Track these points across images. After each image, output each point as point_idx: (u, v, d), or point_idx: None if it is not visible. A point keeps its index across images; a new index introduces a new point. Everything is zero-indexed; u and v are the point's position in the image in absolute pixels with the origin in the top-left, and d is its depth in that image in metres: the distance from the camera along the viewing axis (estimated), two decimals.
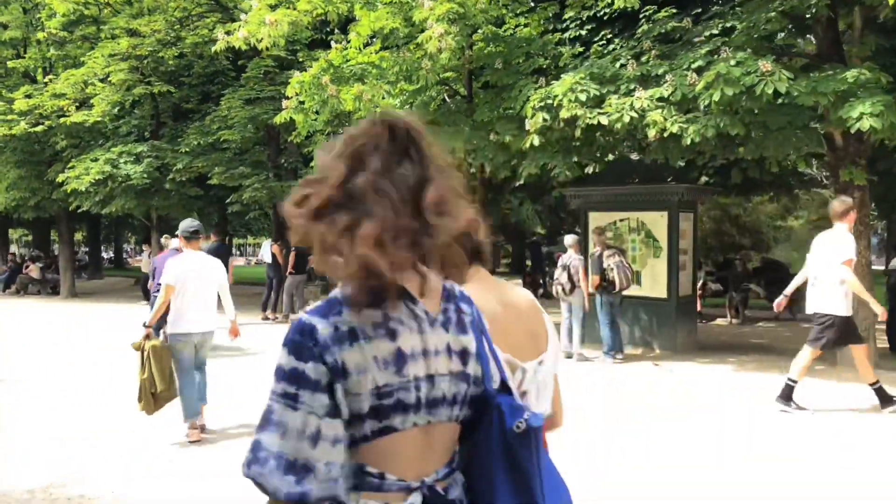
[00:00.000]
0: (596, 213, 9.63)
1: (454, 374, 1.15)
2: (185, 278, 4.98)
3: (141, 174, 14.48)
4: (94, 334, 11.15)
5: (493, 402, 1.18)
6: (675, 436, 5.27)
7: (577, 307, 8.52)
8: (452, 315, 1.18)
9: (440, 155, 1.23)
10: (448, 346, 1.16)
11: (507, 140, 8.97)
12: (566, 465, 1.84)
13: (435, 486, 1.14)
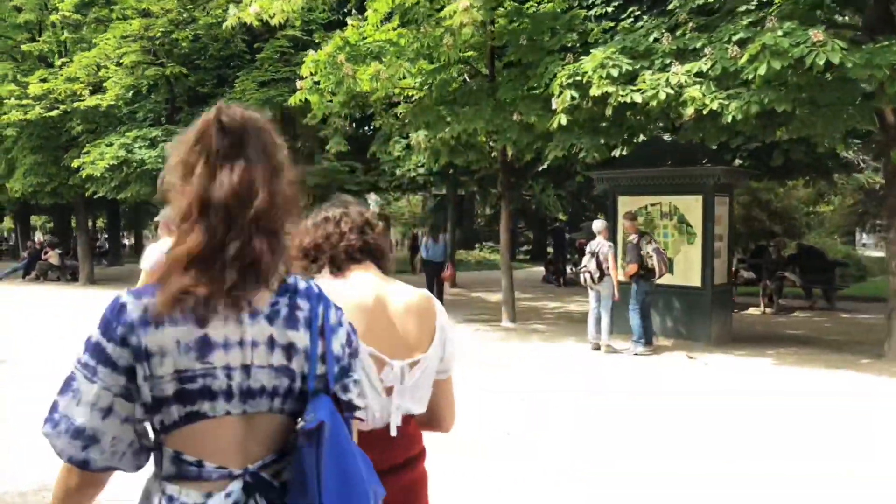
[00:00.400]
0: (625, 197, 9.15)
1: (275, 367, 1.16)
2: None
3: (155, 159, 14.20)
4: None
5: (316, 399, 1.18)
6: (717, 436, 4.85)
7: (606, 296, 8.08)
8: (282, 309, 1.18)
9: (278, 154, 1.23)
10: (270, 339, 1.16)
11: (531, 120, 8.52)
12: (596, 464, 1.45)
13: (260, 473, 1.16)
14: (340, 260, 1.64)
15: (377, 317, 1.57)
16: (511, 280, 10.69)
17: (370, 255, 1.66)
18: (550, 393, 6.16)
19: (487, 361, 7.58)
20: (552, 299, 14.65)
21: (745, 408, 5.65)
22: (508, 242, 10.72)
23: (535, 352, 8.22)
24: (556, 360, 7.68)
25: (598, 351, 8.17)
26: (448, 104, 9.50)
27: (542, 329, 10.10)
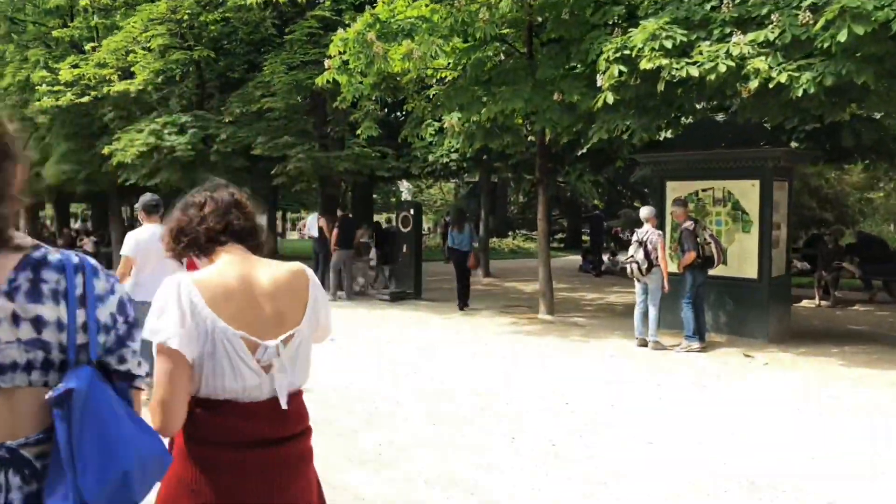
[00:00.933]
0: (674, 182, 8.51)
1: (24, 341, 1.18)
2: (144, 250, 5.13)
3: (185, 146, 13.98)
4: None
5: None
6: (794, 448, 4.29)
7: (655, 289, 7.50)
8: (23, 284, 1.18)
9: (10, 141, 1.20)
10: (14, 315, 1.17)
11: (573, 100, 7.96)
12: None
13: (19, 451, 1.16)
14: (202, 244, 1.70)
15: (244, 298, 1.62)
16: (549, 270, 10.16)
17: (236, 237, 1.71)
18: (600, 402, 5.64)
19: (526, 360, 7.09)
20: (590, 290, 14.05)
21: (821, 415, 5.07)
22: (546, 230, 10.17)
23: (576, 349, 7.70)
24: (600, 360, 7.14)
25: (644, 347, 7.61)
26: (484, 84, 8.97)
27: (583, 322, 9.55)
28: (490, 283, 15.53)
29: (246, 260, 1.70)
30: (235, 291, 1.62)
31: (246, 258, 1.71)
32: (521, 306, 11.27)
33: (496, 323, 9.45)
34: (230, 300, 1.60)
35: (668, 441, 4.49)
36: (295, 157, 11.79)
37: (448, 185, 44.28)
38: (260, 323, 1.63)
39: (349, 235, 11.80)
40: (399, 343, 7.89)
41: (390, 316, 10.07)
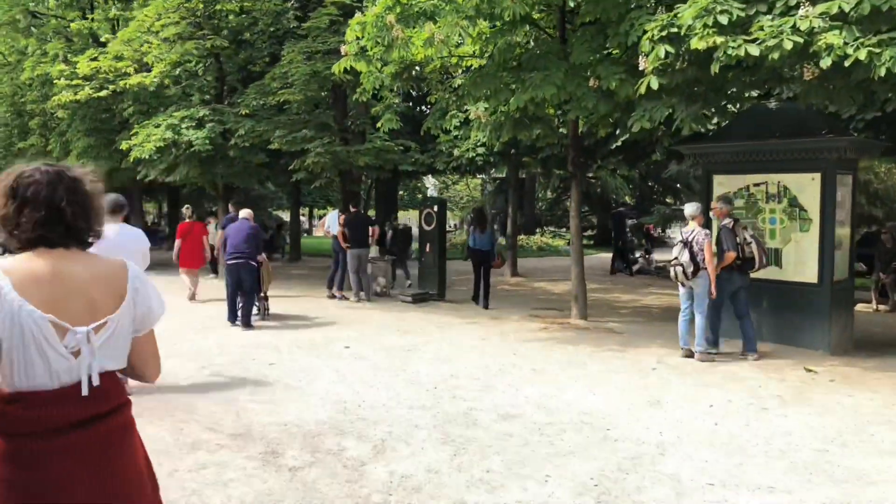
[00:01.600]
0: (723, 175, 7.74)
1: None
2: (105, 248, 4.75)
3: (203, 140, 13.54)
4: None
5: None
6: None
7: (702, 294, 6.76)
8: None
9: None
10: None
11: (612, 86, 7.24)
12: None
13: None
14: (23, 235, 1.70)
15: (54, 286, 1.67)
16: (582, 270, 9.45)
17: (51, 244, 1.72)
18: (647, 428, 4.95)
19: (558, 374, 6.41)
20: (624, 290, 13.28)
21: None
22: (578, 228, 9.46)
23: (614, 361, 6.99)
24: (642, 375, 6.43)
25: (690, 359, 6.88)
26: (512, 70, 8.29)
27: (619, 329, 8.83)
28: (518, 283, 14.84)
29: (63, 253, 1.73)
30: (45, 279, 1.66)
31: (61, 250, 1.73)
32: (552, 309, 10.57)
33: (525, 329, 8.78)
34: (40, 287, 1.64)
35: (731, 482, 3.79)
36: (314, 151, 11.23)
37: (475, 181, 43.57)
38: (71, 310, 1.67)
39: (361, 233, 11.19)
40: (418, 352, 7.27)
41: (411, 320, 9.46)
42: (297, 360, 6.86)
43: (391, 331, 8.56)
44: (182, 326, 8.83)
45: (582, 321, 9.28)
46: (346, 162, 11.74)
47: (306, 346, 7.54)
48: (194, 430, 4.65)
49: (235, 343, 7.69)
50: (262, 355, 7.03)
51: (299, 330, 8.68)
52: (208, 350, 7.28)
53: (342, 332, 8.40)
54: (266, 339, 7.95)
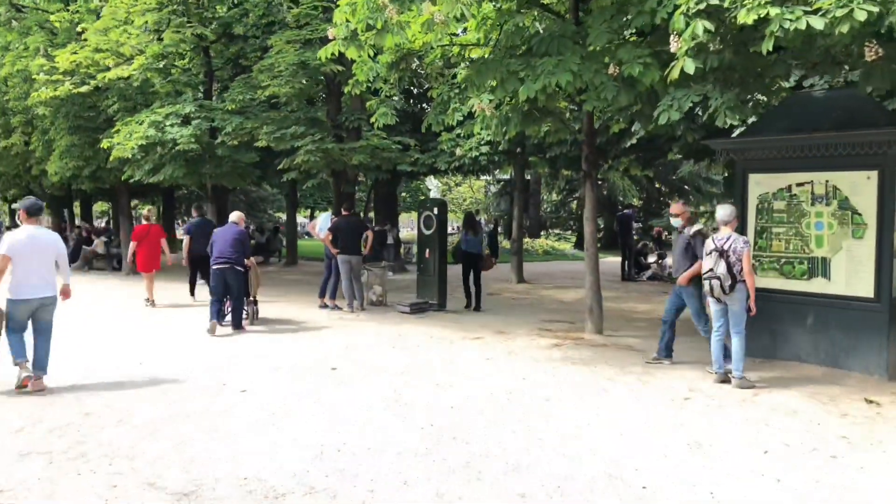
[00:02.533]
0: (760, 174, 6.82)
1: None
2: (20, 250, 5.52)
3: (188, 138, 12.68)
4: (99, 314, 9.40)
5: None
6: None
7: (740, 311, 5.84)
8: None
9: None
10: None
11: (635, 73, 6.33)
12: None
13: None
14: None
15: None
16: (597, 280, 8.53)
17: None
18: (690, 484, 4.03)
19: (576, 406, 5.49)
20: (639, 299, 12.36)
21: None
22: (593, 232, 8.53)
23: (638, 387, 6.07)
24: (674, 407, 5.51)
25: (725, 384, 5.96)
26: (521, 57, 7.38)
27: (639, 346, 7.91)
28: (525, 291, 13.92)
29: None
30: None
31: None
32: (563, 321, 9.66)
33: (535, 346, 7.87)
34: None
35: None
36: (303, 149, 10.33)
37: (478, 183, 42.66)
38: None
39: (353, 238, 10.30)
40: (414, 375, 6.35)
41: (408, 335, 8.56)
42: (275, 385, 5.96)
43: (385, 348, 7.66)
44: (154, 338, 7.96)
45: (598, 336, 8.37)
46: (339, 161, 10.84)
47: (287, 367, 6.64)
48: (130, 485, 3.75)
49: (207, 363, 6.80)
50: (235, 378, 6.13)
51: (284, 344, 7.78)
52: (176, 369, 6.39)
53: (330, 349, 7.50)
54: (244, 357, 7.06)
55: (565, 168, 15.38)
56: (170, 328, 8.95)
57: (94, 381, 6.03)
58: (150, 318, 9.81)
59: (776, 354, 6.76)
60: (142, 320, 9.67)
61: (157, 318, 9.79)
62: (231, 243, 8.58)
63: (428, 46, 8.84)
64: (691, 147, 11.63)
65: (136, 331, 8.76)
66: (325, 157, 10.50)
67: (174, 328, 8.95)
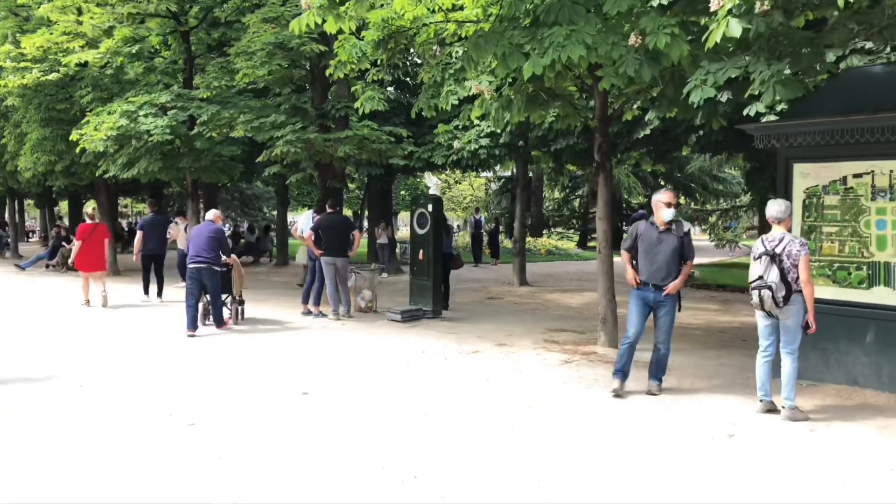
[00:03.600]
0: (807, 164, 5.80)
1: None
2: None
3: (162, 130, 11.68)
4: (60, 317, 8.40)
5: None
6: None
7: (794, 328, 4.83)
8: None
9: None
10: None
11: (661, 44, 5.31)
12: None
13: None
14: None
15: None
16: (612, 286, 7.52)
17: None
18: None
19: (595, 445, 4.48)
20: None
21: None
22: (607, 233, 7.52)
23: (668, 419, 5.06)
24: (714, 447, 4.50)
25: (773, 414, 4.96)
26: (526, 29, 6.36)
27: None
28: (528, 295, 12.91)
29: None
30: None
31: None
32: (570, 331, 8.65)
33: (541, 361, 6.86)
34: None
35: None
36: (283, 139, 9.32)
37: (478, 181, 41.60)
38: None
39: (338, 238, 9.30)
40: (398, 404, 5.34)
41: (397, 347, 7.55)
42: (230, 415, 4.95)
43: (369, 364, 6.65)
44: (109, 345, 6.94)
45: (612, 350, 7.35)
46: (324, 153, 9.83)
47: (252, 389, 5.63)
48: None
49: (164, 379, 5.78)
50: (185, 404, 5.12)
51: (256, 358, 6.78)
52: (121, 391, 5.38)
53: (306, 366, 6.49)
54: (206, 373, 6.05)
55: (570, 163, 14.35)
56: (119, 330, 7.94)
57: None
58: (103, 319, 8.81)
59: (826, 377, 5.75)
60: (95, 321, 8.66)
61: (109, 319, 8.78)
62: (206, 242, 8.27)
63: (419, 23, 7.84)
64: (710, 138, 10.62)
65: (83, 332, 7.76)
66: (306, 148, 9.48)
67: (123, 330, 7.95)
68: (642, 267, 5.49)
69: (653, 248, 5.43)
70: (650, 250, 5.44)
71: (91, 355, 7.02)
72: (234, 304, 9.01)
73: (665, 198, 5.44)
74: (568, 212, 36.55)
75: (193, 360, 6.86)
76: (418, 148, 14.38)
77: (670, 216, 5.43)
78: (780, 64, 4.87)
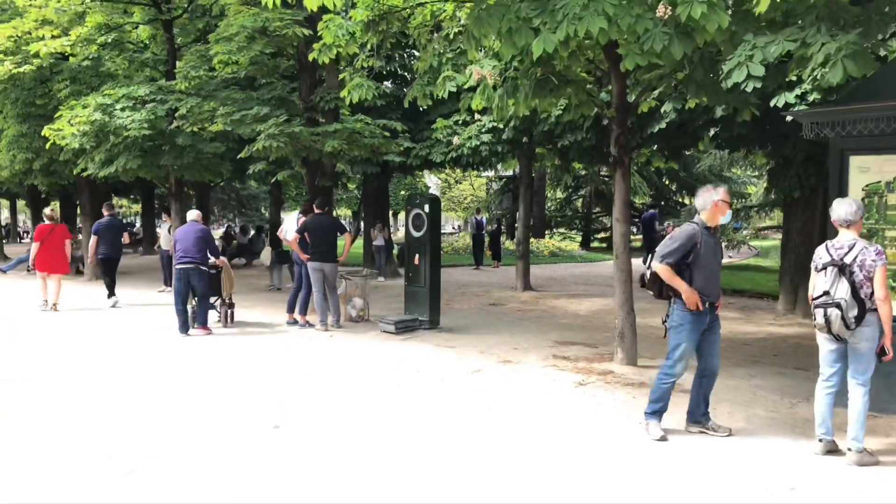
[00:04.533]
0: (867, 156, 4.95)
1: None
2: None
3: (140, 124, 10.85)
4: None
5: None
6: None
7: (868, 354, 3.98)
8: None
9: None
10: None
11: (696, 15, 4.47)
12: None
13: None
14: None
15: None
16: (630, 296, 6.68)
17: None
18: None
19: (620, 494, 3.63)
20: None
21: None
22: (626, 237, 6.68)
23: (713, 466, 4.22)
24: (770, 501, 3.64)
25: (834, 455, 4.11)
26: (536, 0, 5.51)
27: (688, 385, 6.05)
28: (532, 301, 12.07)
29: None
30: None
31: None
32: (581, 344, 7.80)
33: (551, 382, 6.01)
34: None
35: None
36: (264, 133, 8.47)
37: (479, 181, 40.68)
38: None
39: (326, 241, 8.48)
40: (384, 443, 4.50)
41: (388, 366, 6.71)
42: (180, 458, 4.09)
43: (355, 387, 5.80)
44: (56, 352, 6.10)
45: (631, 369, 6.52)
46: (311, 147, 8.98)
47: (215, 420, 4.78)
48: None
49: (120, 404, 4.93)
50: (132, 445, 4.27)
51: (226, 379, 5.93)
52: (71, 423, 4.54)
53: (283, 389, 5.65)
54: (175, 394, 5.20)
55: (578, 160, 13.48)
56: (70, 335, 7.10)
57: None
58: (57, 323, 7.96)
59: (890, 407, 4.90)
60: (52, 324, 7.82)
61: (64, 322, 7.93)
62: (194, 242, 8.16)
63: (414, 2, 7.01)
64: (731, 132, 9.75)
65: (33, 335, 6.91)
66: (292, 142, 8.63)
67: (73, 335, 7.10)
68: (699, 284, 4.36)
69: (711, 258, 4.41)
70: (709, 262, 4.38)
71: (40, 361, 6.18)
72: (224, 308, 8.83)
73: (727, 196, 4.45)
74: (570, 212, 35.73)
75: (156, 375, 6.01)
76: (416, 145, 13.54)
77: (726, 220, 4.51)
78: (849, 35, 4.02)
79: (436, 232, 8.80)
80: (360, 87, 6.96)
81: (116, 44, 12.27)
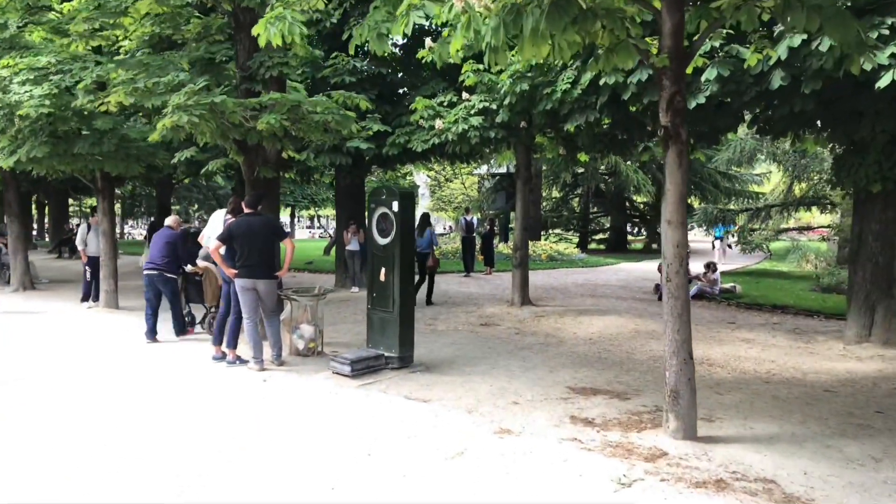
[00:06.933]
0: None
1: None
2: None
3: (39, 101, 8.59)
4: None
5: None
6: None
7: None
8: None
9: None
10: None
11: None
12: None
13: None
14: None
15: None
16: (688, 335, 4.47)
17: None
18: None
19: None
20: (702, 337, 8.33)
21: None
22: (682, 250, 4.46)
23: None
24: None
25: None
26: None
27: (783, 477, 3.85)
28: (531, 319, 9.86)
29: None
30: None
31: None
32: (603, 391, 5.56)
33: (576, 479, 3.80)
34: None
35: None
36: (171, 105, 6.20)
37: (471, 179, 38.37)
38: None
39: (257, 251, 6.24)
40: None
41: (330, 442, 4.48)
42: None
43: (270, 488, 3.57)
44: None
45: (690, 447, 4.32)
46: (241, 126, 6.71)
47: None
48: None
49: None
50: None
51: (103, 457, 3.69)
52: None
53: (162, 486, 3.41)
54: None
55: (587, 149, 11.27)
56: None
57: None
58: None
59: None
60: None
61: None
62: (161, 248, 8.01)
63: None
64: (790, 109, 7.56)
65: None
66: (213, 117, 6.36)
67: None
68: None
69: None
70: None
71: None
72: (209, 316, 8.20)
73: None
74: (567, 212, 33.67)
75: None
76: (393, 130, 11.32)
77: None
78: None
79: (408, 238, 6.56)
80: (283, 21, 4.69)
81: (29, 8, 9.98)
